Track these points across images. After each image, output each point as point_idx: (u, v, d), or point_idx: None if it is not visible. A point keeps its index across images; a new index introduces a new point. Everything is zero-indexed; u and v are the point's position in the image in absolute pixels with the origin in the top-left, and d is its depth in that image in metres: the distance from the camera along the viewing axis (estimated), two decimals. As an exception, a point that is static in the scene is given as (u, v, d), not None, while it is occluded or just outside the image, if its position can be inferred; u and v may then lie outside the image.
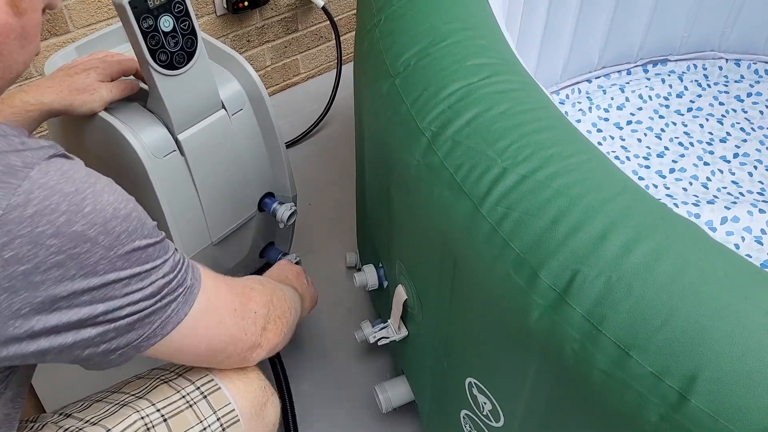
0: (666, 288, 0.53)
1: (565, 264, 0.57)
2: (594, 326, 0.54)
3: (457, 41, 0.77)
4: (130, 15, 0.83)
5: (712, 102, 1.62)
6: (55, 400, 1.04)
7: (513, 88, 0.72)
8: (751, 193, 1.41)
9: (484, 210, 0.63)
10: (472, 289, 0.68)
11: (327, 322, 1.25)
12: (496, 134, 0.66)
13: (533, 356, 0.61)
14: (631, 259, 0.55)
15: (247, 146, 1.07)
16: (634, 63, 1.67)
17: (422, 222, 0.74)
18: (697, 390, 0.50)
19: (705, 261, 0.55)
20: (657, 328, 0.52)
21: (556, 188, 0.61)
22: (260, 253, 1.25)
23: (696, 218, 1.34)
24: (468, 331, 0.73)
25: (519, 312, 0.60)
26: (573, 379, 0.57)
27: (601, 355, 0.54)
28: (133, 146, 0.91)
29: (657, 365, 0.51)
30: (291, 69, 1.81)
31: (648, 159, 1.49)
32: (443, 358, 0.81)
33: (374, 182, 0.94)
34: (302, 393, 1.15)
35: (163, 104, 0.92)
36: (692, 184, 1.44)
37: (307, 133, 1.67)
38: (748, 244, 1.31)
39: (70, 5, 1.32)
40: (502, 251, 0.61)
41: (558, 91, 1.62)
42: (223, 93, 1.00)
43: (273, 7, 1.64)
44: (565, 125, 0.68)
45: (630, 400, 0.53)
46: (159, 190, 0.94)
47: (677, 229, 0.58)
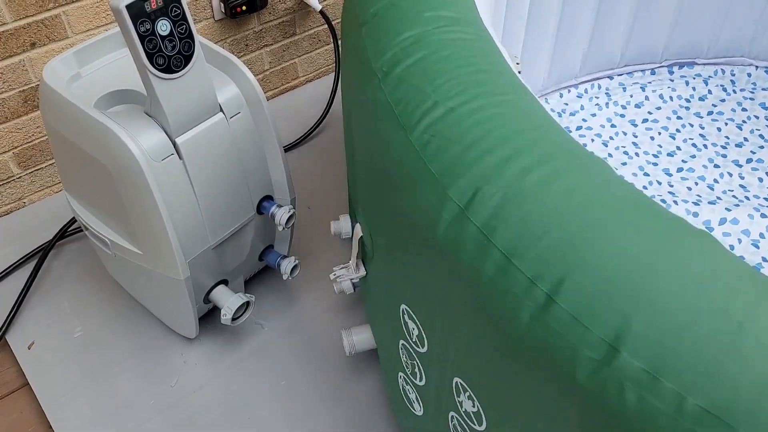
0: (552, 206, 0.57)
1: (470, 183, 0.62)
2: (486, 237, 0.59)
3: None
4: (126, 19, 0.83)
5: (734, 107, 1.61)
6: (57, 405, 1.12)
7: (463, 37, 0.77)
8: (757, 197, 1.40)
9: (413, 138, 0.68)
10: (401, 212, 0.73)
11: (322, 326, 1.25)
12: (435, 73, 0.72)
13: (443, 270, 0.66)
14: (528, 179, 0.60)
15: (245, 149, 1.07)
16: (659, 63, 1.67)
17: (370, 156, 0.80)
18: (563, 294, 0.53)
19: (596, 188, 0.59)
20: (537, 239, 0.56)
21: (476, 119, 0.66)
22: (259, 256, 1.25)
23: (694, 217, 1.34)
24: (400, 256, 0.78)
25: (431, 228, 0.65)
26: (468, 288, 0.62)
27: (489, 263, 0.58)
28: (131, 150, 0.91)
29: (532, 271, 0.55)
30: (289, 73, 1.80)
31: (657, 157, 1.50)
32: (387, 292, 0.86)
33: (346, 127, 0.99)
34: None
35: (161, 108, 0.92)
36: (698, 184, 1.44)
37: (306, 136, 1.66)
38: (744, 246, 1.30)
39: (68, 11, 1.33)
40: (423, 174, 0.66)
41: (577, 84, 1.64)
42: (221, 96, 1.01)
43: (271, 11, 1.64)
44: (503, 71, 0.73)
45: (508, 303, 0.57)
46: (157, 193, 0.94)
47: (580, 161, 0.62)
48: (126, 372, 1.18)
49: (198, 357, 1.20)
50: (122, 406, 1.13)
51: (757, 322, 0.48)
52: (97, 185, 1.04)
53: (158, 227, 0.98)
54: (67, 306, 1.29)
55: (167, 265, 1.03)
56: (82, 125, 0.96)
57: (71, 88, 1.02)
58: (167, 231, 0.97)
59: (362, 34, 0.82)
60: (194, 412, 1.12)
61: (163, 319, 1.24)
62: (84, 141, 0.98)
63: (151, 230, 1.00)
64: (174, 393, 1.15)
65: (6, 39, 1.27)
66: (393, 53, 0.76)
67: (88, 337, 1.23)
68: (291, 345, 1.21)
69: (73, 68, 1.05)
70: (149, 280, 1.11)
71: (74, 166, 1.07)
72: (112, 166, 0.95)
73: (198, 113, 0.98)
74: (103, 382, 1.16)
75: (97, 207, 1.09)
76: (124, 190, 0.98)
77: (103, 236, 1.09)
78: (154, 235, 1.00)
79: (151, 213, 0.97)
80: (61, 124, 1.01)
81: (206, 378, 1.17)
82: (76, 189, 1.12)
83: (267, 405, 1.13)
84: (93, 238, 1.15)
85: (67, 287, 1.31)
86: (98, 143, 0.96)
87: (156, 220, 0.97)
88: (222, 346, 1.22)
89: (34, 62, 1.33)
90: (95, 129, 0.94)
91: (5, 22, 1.26)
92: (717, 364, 0.47)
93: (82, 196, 1.12)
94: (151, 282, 1.12)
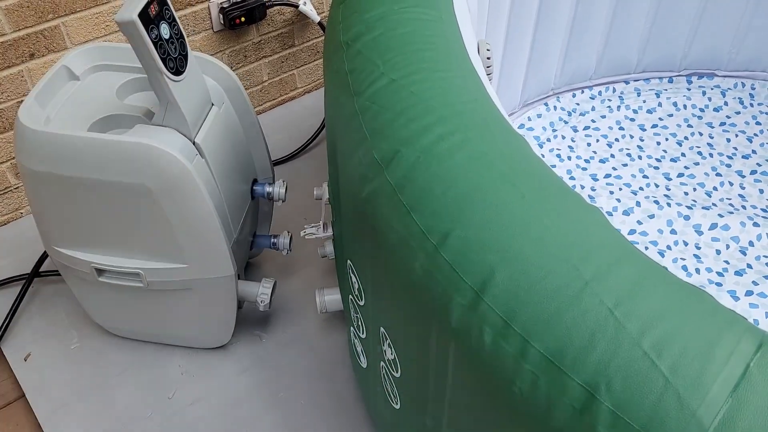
0: (455, 169, 0.63)
1: (392, 146, 0.68)
2: (396, 193, 0.65)
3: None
4: (141, 29, 0.84)
5: (749, 120, 1.61)
6: (54, 417, 1.12)
7: (424, 18, 0.83)
8: (754, 207, 1.40)
9: (358, 104, 0.75)
10: (344, 170, 0.80)
11: (321, 338, 1.24)
12: (388, 48, 0.78)
13: (367, 226, 0.73)
14: (440, 146, 0.66)
15: (235, 137, 1.10)
16: (678, 72, 1.68)
17: (330, 124, 0.87)
18: (447, 246, 0.59)
19: (499, 158, 0.64)
20: (436, 197, 0.62)
21: (411, 90, 0.72)
22: (250, 245, 1.26)
23: (685, 219, 1.36)
24: (345, 213, 0.85)
25: (359, 185, 0.72)
26: (381, 238, 0.68)
27: (395, 217, 0.65)
28: (178, 158, 0.91)
29: (425, 225, 0.62)
30: (288, 84, 1.80)
31: (660, 161, 1.51)
32: (338, 249, 0.93)
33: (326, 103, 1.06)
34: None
35: (179, 111, 0.92)
36: (696, 190, 1.45)
37: (304, 147, 1.66)
38: (730, 252, 1.31)
39: (67, 22, 1.33)
40: (360, 137, 0.73)
41: (591, 86, 1.67)
42: None
43: (269, 22, 1.64)
44: (452, 52, 0.79)
45: (406, 253, 0.63)
46: (205, 194, 0.95)
47: (495, 134, 0.67)
48: (123, 384, 1.18)
49: (195, 368, 1.20)
50: (120, 419, 1.13)
51: (602, 283, 0.53)
52: (120, 216, 1.00)
53: (210, 228, 0.99)
54: (64, 318, 1.28)
55: (216, 266, 1.04)
56: (99, 155, 0.92)
57: (51, 128, 0.97)
58: (219, 229, 0.99)
59: (339, 11, 0.90)
60: (192, 424, 1.12)
61: (182, 341, 1.23)
62: (103, 171, 0.94)
63: (200, 235, 1.00)
64: (172, 405, 1.14)
65: (5, 49, 1.28)
66: (358, 29, 0.83)
67: (85, 348, 1.23)
68: (290, 357, 1.22)
69: (41, 111, 1.01)
70: (176, 300, 1.11)
71: (75, 209, 1.01)
72: (154, 183, 0.93)
73: (202, 110, 1.01)
74: (100, 394, 1.16)
75: (118, 242, 1.04)
76: (169, 203, 0.96)
77: (133, 269, 1.05)
78: (205, 238, 1.00)
79: (202, 215, 0.98)
80: (59, 165, 0.95)
81: (204, 390, 1.17)
82: (77, 235, 1.05)
83: (266, 417, 1.13)
84: (111, 279, 1.09)
85: (63, 299, 1.31)
86: (131, 165, 0.93)
87: (207, 221, 0.98)
88: (219, 358, 1.21)
89: (33, 73, 1.34)
90: (126, 152, 0.92)
91: (4, 33, 1.26)
92: (558, 314, 0.52)
93: (89, 240, 1.05)
94: (180, 301, 1.11)
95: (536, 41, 1.49)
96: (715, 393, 0.45)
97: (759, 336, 0.49)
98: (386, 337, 0.78)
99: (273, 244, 1.25)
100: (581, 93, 1.66)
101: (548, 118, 1.61)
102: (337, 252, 1.07)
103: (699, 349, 0.48)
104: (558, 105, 1.63)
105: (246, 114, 1.14)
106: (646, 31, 1.58)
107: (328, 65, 0.86)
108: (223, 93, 1.10)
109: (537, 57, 1.53)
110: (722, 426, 0.44)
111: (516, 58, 1.50)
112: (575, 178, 1.48)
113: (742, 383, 0.46)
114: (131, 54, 0.93)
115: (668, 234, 1.34)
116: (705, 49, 1.63)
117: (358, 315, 0.91)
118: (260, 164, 1.21)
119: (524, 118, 1.60)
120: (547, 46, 1.52)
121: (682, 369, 0.46)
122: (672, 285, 0.53)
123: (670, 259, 1.30)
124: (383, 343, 0.80)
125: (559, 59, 1.57)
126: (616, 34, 1.56)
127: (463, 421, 0.67)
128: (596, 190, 1.43)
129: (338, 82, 0.81)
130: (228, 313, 1.14)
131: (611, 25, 1.55)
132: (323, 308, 1.11)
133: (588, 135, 1.58)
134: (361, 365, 0.99)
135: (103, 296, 1.14)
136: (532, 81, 1.59)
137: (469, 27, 0.91)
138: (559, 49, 1.54)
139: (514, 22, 1.41)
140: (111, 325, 1.23)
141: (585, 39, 1.55)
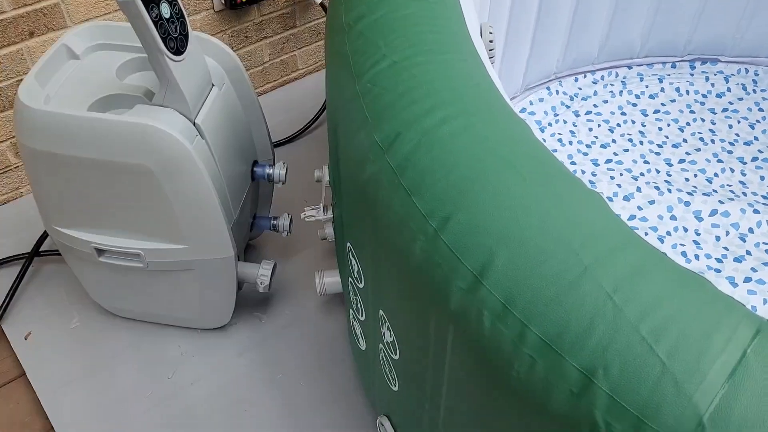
0: (456, 153, 0.63)
1: (393, 128, 0.68)
2: (396, 176, 0.65)
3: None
4: (141, 7, 0.83)
5: (751, 107, 1.60)
6: (54, 395, 1.12)
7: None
8: (755, 194, 1.40)
9: (359, 86, 0.75)
10: (345, 152, 0.80)
11: (321, 321, 1.25)
12: (391, 29, 0.78)
13: (366, 207, 0.73)
14: (442, 129, 0.65)
15: (235, 118, 1.09)
16: (681, 57, 1.67)
17: (331, 106, 0.87)
18: (447, 230, 0.59)
19: (501, 142, 0.64)
20: (435, 181, 0.62)
21: (412, 73, 0.72)
22: (250, 227, 1.26)
23: (685, 205, 1.36)
24: (345, 197, 0.85)
25: (361, 166, 0.71)
26: (381, 221, 0.68)
27: (396, 200, 0.65)
28: (178, 139, 0.91)
29: (426, 208, 0.62)
30: (289, 65, 1.80)
31: (661, 147, 1.51)
32: (338, 232, 0.93)
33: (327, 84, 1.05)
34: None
35: (180, 91, 0.92)
36: (697, 176, 1.45)
37: (305, 129, 1.66)
38: (730, 239, 1.31)
39: (67, 0, 1.32)
40: (361, 119, 0.73)
41: (594, 71, 1.66)
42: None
43: (271, 3, 1.63)
44: (455, 34, 0.78)
45: (406, 236, 0.63)
46: (205, 175, 0.95)
47: (496, 118, 0.67)
48: (123, 363, 1.19)
49: (195, 349, 1.21)
50: (119, 398, 1.14)
51: (601, 268, 0.53)
52: (120, 196, 0.99)
53: (210, 209, 0.99)
54: (65, 297, 1.29)
55: (216, 247, 1.05)
56: (99, 135, 0.92)
57: (51, 107, 0.96)
58: (219, 210, 0.99)
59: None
60: (191, 404, 1.13)
61: (182, 321, 1.23)
62: (103, 151, 0.94)
63: (200, 215, 1.00)
64: (171, 385, 1.15)
65: (4, 28, 1.27)
66: (360, 10, 0.82)
67: (85, 328, 1.23)
68: (289, 338, 1.22)
69: (41, 90, 1.00)
70: (176, 280, 1.11)
71: (75, 189, 1.00)
72: (154, 163, 0.93)
73: (202, 90, 1.00)
74: (100, 374, 1.17)
75: (118, 222, 1.04)
76: (170, 184, 0.96)
77: (133, 250, 1.05)
78: (204, 219, 1.01)
79: (202, 196, 0.98)
80: (58, 145, 0.95)
81: (203, 370, 1.18)
82: (77, 215, 1.05)
83: (264, 398, 1.13)
84: (111, 259, 1.09)
85: (63, 278, 1.31)
86: (131, 145, 0.93)
87: (207, 202, 0.98)
88: (219, 338, 1.22)
89: (33, 51, 1.34)
90: (126, 132, 0.92)
91: (4, 11, 1.25)
92: (557, 299, 0.52)
93: (89, 220, 1.05)
94: (180, 281, 1.11)
95: (539, 25, 1.48)
96: (711, 378, 0.46)
97: (756, 322, 0.49)
98: (385, 319, 0.78)
99: (273, 226, 1.25)
100: (584, 77, 1.65)
101: (550, 103, 1.60)
102: (337, 234, 1.07)
103: (696, 334, 0.48)
104: (560, 89, 1.63)
105: (247, 95, 1.13)
106: (650, 15, 1.56)
107: (330, 46, 0.86)
108: (223, 74, 1.09)
109: (540, 41, 1.52)
110: (718, 411, 0.45)
111: (518, 42, 1.49)
112: (576, 163, 1.48)
113: (739, 369, 0.46)
114: (131, 33, 0.91)
115: (668, 220, 1.34)
116: (708, 35, 1.62)
117: (358, 297, 0.91)
118: (261, 146, 1.20)
119: (526, 102, 1.60)
120: (550, 30, 1.51)
121: (680, 354, 0.47)
122: (671, 271, 0.53)
123: (670, 245, 1.30)
124: (382, 325, 0.80)
125: (561, 43, 1.56)
126: (620, 18, 1.55)
127: (461, 404, 0.68)
128: (597, 175, 1.43)
129: (340, 63, 0.81)
130: (228, 295, 1.14)
131: (615, 10, 1.53)
132: (323, 290, 1.11)
133: (590, 120, 1.58)
134: (360, 347, 0.99)
135: (103, 276, 1.14)
136: (535, 65, 1.58)
137: (472, 10, 0.90)
138: (562, 33, 1.53)
139: (517, 5, 1.40)
140: (111, 305, 1.23)
141: (588, 23, 1.54)
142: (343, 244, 0.92)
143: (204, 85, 1.01)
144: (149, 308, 1.21)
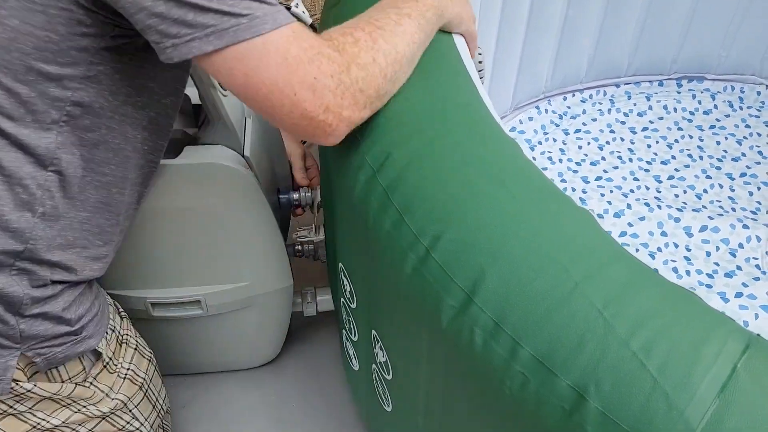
0: (447, 172, 0.64)
1: (383, 149, 0.68)
2: (387, 196, 0.66)
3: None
4: None
5: (738, 123, 1.62)
6: None
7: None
8: (744, 210, 1.42)
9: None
10: (336, 173, 0.80)
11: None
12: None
13: (359, 227, 0.73)
14: (432, 148, 0.66)
15: (268, 148, 1.07)
16: (668, 76, 1.69)
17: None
18: (438, 248, 0.60)
19: (491, 161, 0.65)
20: (426, 200, 0.63)
21: (404, 94, 0.72)
22: None
23: (675, 222, 1.37)
24: (336, 215, 0.85)
25: (352, 188, 0.72)
26: (373, 241, 0.69)
27: (387, 220, 0.65)
28: (244, 174, 0.93)
29: (417, 227, 0.62)
30: None
31: (650, 164, 1.52)
32: (330, 252, 0.93)
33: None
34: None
35: (232, 126, 0.93)
36: (686, 192, 1.46)
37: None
38: (720, 254, 1.32)
39: None
40: (351, 140, 0.73)
41: (582, 89, 1.68)
42: None
43: None
44: (448, 55, 0.79)
45: (397, 255, 0.63)
46: (267, 205, 0.96)
47: (484, 136, 0.68)
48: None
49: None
50: None
51: (591, 284, 0.53)
52: (181, 244, 0.98)
53: (273, 240, 1.01)
54: None
55: (277, 278, 1.06)
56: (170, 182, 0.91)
57: None
58: (281, 241, 1.00)
59: (331, 14, 0.90)
60: (180, 425, 1.13)
61: (233, 363, 1.21)
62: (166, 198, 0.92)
63: (264, 248, 1.01)
64: None
65: None
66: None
67: None
68: (281, 359, 1.22)
69: None
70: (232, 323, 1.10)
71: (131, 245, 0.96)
72: (223, 201, 0.94)
73: (242, 123, 1.00)
74: None
75: (174, 273, 1.03)
76: (235, 220, 0.97)
77: (194, 297, 1.04)
78: (268, 251, 1.01)
79: (266, 229, 0.98)
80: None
81: (192, 393, 1.18)
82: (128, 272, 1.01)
83: (257, 419, 1.13)
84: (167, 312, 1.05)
85: None
86: (200, 188, 0.93)
87: (272, 234, 0.98)
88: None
89: None
90: (193, 175, 0.91)
91: None
92: (547, 316, 0.53)
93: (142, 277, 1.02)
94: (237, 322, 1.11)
95: (527, 45, 1.50)
96: (702, 393, 0.46)
97: (746, 337, 0.50)
98: (378, 339, 0.78)
99: (297, 252, 1.20)
100: (572, 96, 1.67)
101: (539, 121, 1.62)
102: (329, 255, 1.07)
103: (687, 349, 0.48)
104: (549, 108, 1.64)
105: (266, 121, 1.11)
106: (637, 34, 1.59)
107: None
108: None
109: (528, 60, 1.54)
110: (710, 426, 0.45)
111: (507, 62, 1.51)
112: (566, 180, 1.49)
113: (730, 384, 0.46)
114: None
115: (659, 236, 1.35)
116: (695, 53, 1.64)
117: (350, 318, 0.91)
118: (282, 172, 1.18)
119: (515, 121, 1.61)
120: (538, 50, 1.53)
121: (670, 369, 0.47)
122: (660, 286, 0.54)
123: (661, 261, 1.30)
124: (375, 345, 0.80)
125: (550, 63, 1.58)
126: (607, 37, 1.57)
127: (455, 422, 0.68)
128: (587, 192, 1.44)
129: (330, 85, 0.81)
130: (282, 325, 1.14)
131: (602, 29, 1.56)
132: (315, 309, 1.11)
133: (579, 138, 1.59)
134: (353, 368, 0.99)
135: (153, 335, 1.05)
136: (524, 84, 1.59)
137: (461, 30, 0.91)
138: (550, 53, 1.55)
139: (505, 25, 1.42)
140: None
141: (576, 42, 1.56)
142: (335, 265, 0.92)
143: (242, 118, 1.00)
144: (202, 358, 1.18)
